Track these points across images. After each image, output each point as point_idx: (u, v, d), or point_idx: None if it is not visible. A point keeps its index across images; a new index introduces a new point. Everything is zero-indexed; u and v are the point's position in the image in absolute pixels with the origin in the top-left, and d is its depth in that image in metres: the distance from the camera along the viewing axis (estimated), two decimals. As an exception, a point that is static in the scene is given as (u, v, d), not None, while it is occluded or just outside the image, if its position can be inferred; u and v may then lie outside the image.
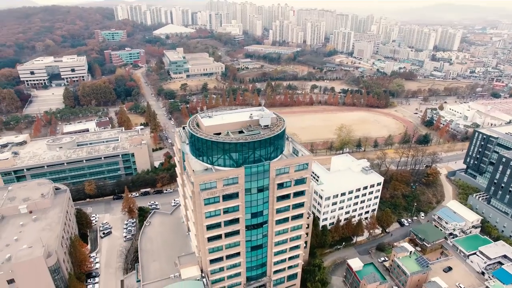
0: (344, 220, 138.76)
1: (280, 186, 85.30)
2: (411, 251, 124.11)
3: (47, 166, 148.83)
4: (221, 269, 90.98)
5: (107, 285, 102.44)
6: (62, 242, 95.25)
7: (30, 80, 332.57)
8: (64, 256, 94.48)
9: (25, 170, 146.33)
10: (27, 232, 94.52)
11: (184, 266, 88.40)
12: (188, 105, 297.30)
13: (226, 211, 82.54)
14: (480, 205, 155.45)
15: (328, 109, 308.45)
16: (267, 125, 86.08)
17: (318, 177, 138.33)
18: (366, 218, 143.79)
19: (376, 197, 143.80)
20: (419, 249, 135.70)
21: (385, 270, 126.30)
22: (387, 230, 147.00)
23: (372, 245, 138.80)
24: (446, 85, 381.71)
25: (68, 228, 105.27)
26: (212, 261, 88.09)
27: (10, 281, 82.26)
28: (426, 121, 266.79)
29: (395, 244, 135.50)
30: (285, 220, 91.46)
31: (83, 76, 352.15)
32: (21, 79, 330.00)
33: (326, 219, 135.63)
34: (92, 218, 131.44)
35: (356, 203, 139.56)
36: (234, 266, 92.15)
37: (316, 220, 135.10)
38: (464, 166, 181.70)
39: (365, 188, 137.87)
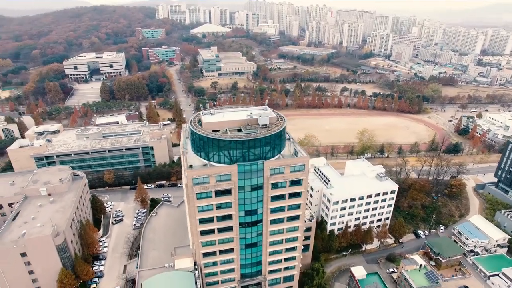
0: (354, 227, 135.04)
1: (275, 186, 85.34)
2: (421, 265, 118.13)
3: (74, 154, 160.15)
4: (215, 263, 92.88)
5: (111, 268, 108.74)
6: (72, 225, 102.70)
7: (73, 74, 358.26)
8: (73, 237, 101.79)
9: (55, 156, 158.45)
10: (43, 212, 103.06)
11: (179, 257, 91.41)
12: (215, 103, 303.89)
13: (218, 206, 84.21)
14: (509, 222, 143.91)
15: (356, 112, 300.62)
16: (265, 125, 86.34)
17: (328, 180, 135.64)
18: (378, 227, 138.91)
19: (389, 205, 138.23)
20: (433, 263, 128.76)
21: (393, 282, 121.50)
22: (400, 241, 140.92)
23: (382, 255, 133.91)
24: (491, 92, 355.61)
25: (81, 212, 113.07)
26: (205, 255, 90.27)
27: (23, 254, 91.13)
28: (461, 129, 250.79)
29: (407, 255, 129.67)
30: (280, 220, 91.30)
31: (120, 72, 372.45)
32: (66, 73, 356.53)
33: (334, 223, 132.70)
34: (107, 205, 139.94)
35: (367, 210, 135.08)
36: (228, 261, 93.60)
37: (323, 224, 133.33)
38: (495, 180, 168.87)
39: (378, 195, 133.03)
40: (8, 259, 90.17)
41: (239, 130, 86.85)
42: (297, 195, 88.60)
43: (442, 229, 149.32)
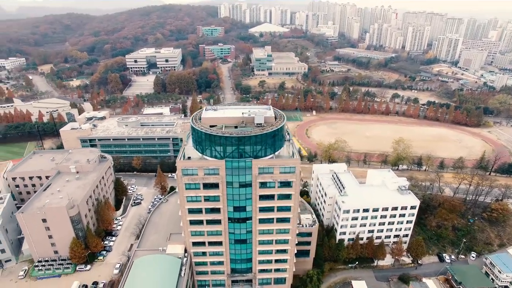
0: (366, 239, 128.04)
1: (263, 185, 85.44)
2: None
3: (112, 139, 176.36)
4: (204, 254, 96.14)
5: (120, 244, 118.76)
6: (89, 201, 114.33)
7: (133, 67, 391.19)
8: (88, 212, 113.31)
9: (96, 140, 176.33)
10: (68, 187, 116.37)
11: (172, 243, 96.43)
12: (257, 101, 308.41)
13: (207, 199, 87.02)
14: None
15: (404, 121, 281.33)
16: (260, 123, 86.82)
17: (343, 187, 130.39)
18: (395, 243, 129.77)
19: (409, 222, 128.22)
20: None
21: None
22: (419, 262, 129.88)
23: (394, 273, 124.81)
24: None
25: (100, 191, 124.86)
26: (194, 244, 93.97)
27: (44, 220, 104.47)
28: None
29: (422, 278, 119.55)
30: (270, 220, 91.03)
31: (174, 66, 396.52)
32: (127, 66, 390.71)
33: (344, 233, 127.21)
34: (131, 188, 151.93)
35: (383, 224, 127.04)
36: (217, 254, 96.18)
37: (333, 232, 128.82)
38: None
39: (395, 209, 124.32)
40: (33, 223, 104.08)
41: (236, 127, 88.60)
42: (287, 197, 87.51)
43: (473, 257, 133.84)
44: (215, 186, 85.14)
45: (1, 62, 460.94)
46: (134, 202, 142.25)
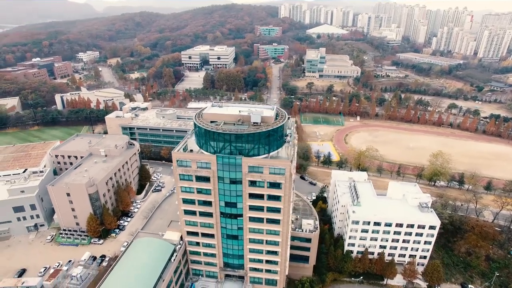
0: (377, 255, 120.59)
1: (253, 183, 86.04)
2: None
3: (149, 129, 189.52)
4: (198, 244, 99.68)
5: (133, 226, 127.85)
6: (109, 182, 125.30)
7: (187, 63, 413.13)
8: (107, 192, 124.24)
9: (135, 128, 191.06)
10: (94, 167, 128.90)
11: (170, 229, 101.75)
12: (301, 102, 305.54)
13: (199, 191, 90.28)
14: None
15: (458, 134, 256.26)
16: (257, 123, 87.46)
17: (357, 196, 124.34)
18: (409, 263, 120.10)
19: (427, 242, 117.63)
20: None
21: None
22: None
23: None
24: None
25: (122, 175, 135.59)
26: (188, 233, 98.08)
27: (68, 194, 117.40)
28: None
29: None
30: (260, 220, 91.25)
31: (225, 64, 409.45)
32: (182, 61, 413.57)
33: (352, 244, 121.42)
34: (156, 176, 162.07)
35: (396, 241, 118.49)
36: (209, 245, 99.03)
37: (341, 242, 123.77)
38: None
39: (411, 226, 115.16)
40: (60, 196, 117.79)
41: (235, 124, 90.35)
42: (276, 198, 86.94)
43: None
44: (206, 179, 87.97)
45: (81, 55, 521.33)
46: (155, 189, 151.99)
